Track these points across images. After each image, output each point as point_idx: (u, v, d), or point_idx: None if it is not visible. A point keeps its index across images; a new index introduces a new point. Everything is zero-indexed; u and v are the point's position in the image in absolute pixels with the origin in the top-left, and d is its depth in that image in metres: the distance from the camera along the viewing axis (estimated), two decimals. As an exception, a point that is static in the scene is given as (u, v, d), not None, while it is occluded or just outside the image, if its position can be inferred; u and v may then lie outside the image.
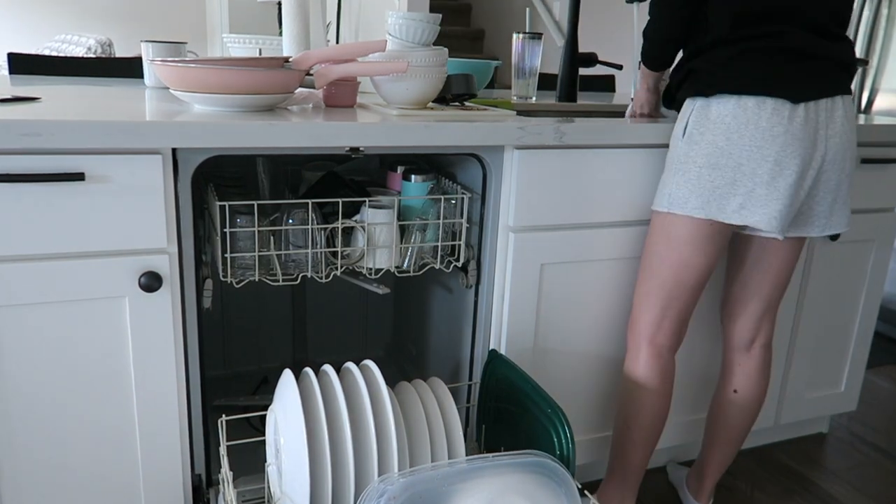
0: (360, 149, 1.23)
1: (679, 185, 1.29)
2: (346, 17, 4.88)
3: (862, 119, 1.92)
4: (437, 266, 1.43)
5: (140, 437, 1.23)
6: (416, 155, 1.44)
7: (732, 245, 1.46)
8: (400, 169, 1.45)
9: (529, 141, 1.32)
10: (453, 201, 1.41)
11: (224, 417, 1.27)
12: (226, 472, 1.19)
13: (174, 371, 1.22)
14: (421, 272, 1.43)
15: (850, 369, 1.92)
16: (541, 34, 1.91)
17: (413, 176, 1.42)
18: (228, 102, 1.22)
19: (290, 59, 1.35)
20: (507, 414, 1.30)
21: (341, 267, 1.34)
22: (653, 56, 1.39)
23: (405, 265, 1.40)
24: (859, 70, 2.22)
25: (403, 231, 1.39)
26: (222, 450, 1.23)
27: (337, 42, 4.76)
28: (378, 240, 1.36)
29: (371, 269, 1.39)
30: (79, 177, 1.07)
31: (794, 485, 1.83)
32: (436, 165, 1.55)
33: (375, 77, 1.34)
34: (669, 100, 1.42)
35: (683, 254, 1.33)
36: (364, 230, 1.35)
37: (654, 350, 1.40)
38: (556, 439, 1.14)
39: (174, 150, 1.14)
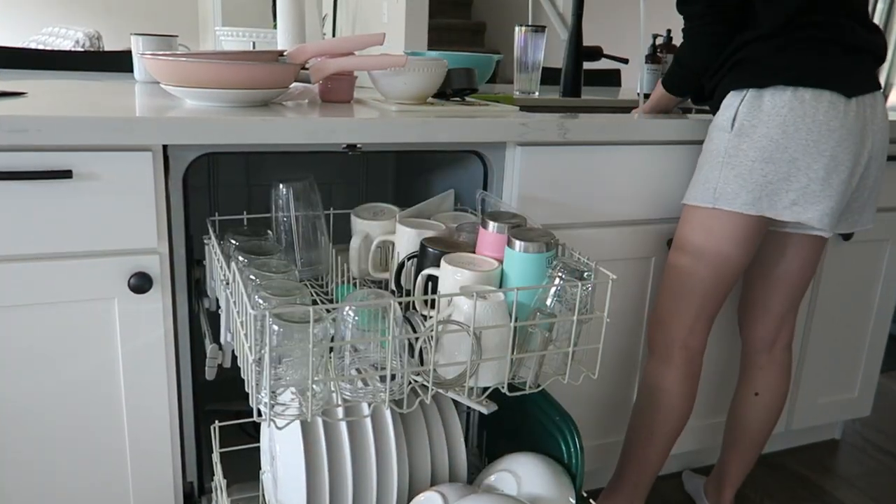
0: (358, 146, 1.22)
1: (727, 180, 1.27)
2: (343, 10, 4.88)
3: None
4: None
5: (130, 443, 1.23)
6: (417, 156, 1.44)
7: None
8: (501, 228, 1.05)
9: (532, 137, 1.32)
10: (588, 287, 0.98)
11: (217, 423, 1.27)
12: (219, 479, 1.18)
13: (165, 374, 1.22)
14: (539, 389, 1.05)
15: (864, 373, 1.91)
16: (544, 27, 1.91)
17: (519, 243, 1.00)
18: (221, 98, 1.22)
19: (285, 53, 1.35)
20: (510, 420, 1.30)
21: (431, 390, 0.96)
22: (679, 79, 1.40)
23: (530, 380, 1.02)
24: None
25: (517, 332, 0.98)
26: (215, 456, 1.22)
27: (333, 35, 4.76)
28: (483, 347, 0.96)
29: (473, 388, 1.00)
30: (66, 174, 1.07)
31: (805, 493, 1.83)
32: (433, 165, 1.55)
33: (373, 71, 1.34)
34: (701, 94, 1.39)
35: (724, 250, 1.31)
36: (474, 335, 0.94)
37: (687, 354, 1.39)
38: (563, 447, 1.14)
39: (165, 147, 1.13)
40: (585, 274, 0.99)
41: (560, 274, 0.99)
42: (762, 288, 1.46)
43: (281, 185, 1.29)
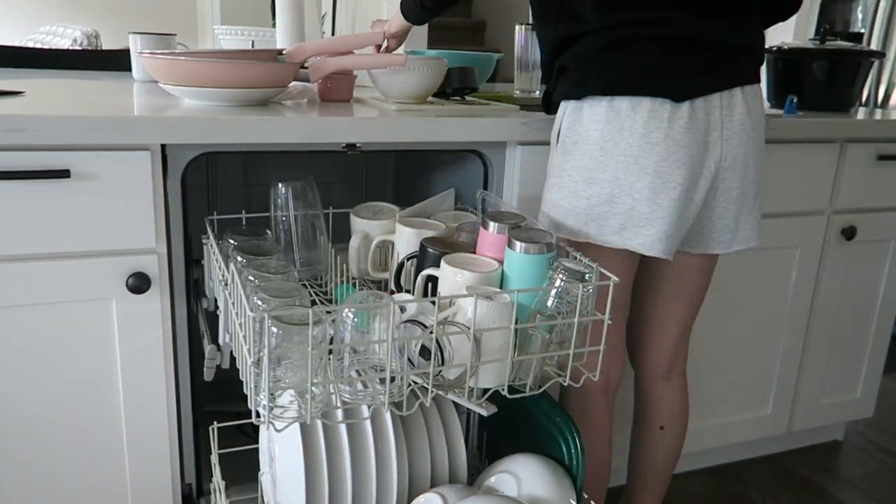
0: (357, 145, 1.22)
1: (555, 204, 1.17)
2: (343, 8, 4.88)
3: (879, 114, 1.91)
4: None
5: (128, 444, 1.23)
6: (416, 154, 1.43)
7: (637, 269, 1.28)
8: (502, 228, 1.05)
9: (533, 137, 1.32)
10: (589, 289, 0.98)
11: (216, 424, 1.26)
12: (217, 481, 1.18)
13: (163, 375, 1.22)
14: (540, 390, 1.05)
15: (867, 374, 1.91)
16: (545, 26, 1.91)
17: (520, 243, 1.00)
18: (220, 97, 1.22)
19: (284, 52, 1.34)
20: (511, 421, 1.30)
21: (431, 392, 0.95)
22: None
23: (531, 382, 1.01)
24: (875, 63, 2.22)
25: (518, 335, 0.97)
26: (214, 458, 1.22)
27: (333, 34, 4.76)
28: (484, 349, 0.95)
29: (473, 389, 0.99)
30: (64, 174, 1.07)
31: (807, 494, 1.83)
32: (433, 165, 1.55)
33: (373, 70, 1.34)
34: (548, 104, 1.28)
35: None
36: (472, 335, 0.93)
37: (581, 395, 1.29)
38: (564, 448, 1.14)
39: (163, 147, 1.13)
40: (587, 276, 0.98)
41: (561, 275, 0.98)
42: (651, 315, 1.33)
43: (279, 185, 1.29)
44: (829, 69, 1.74)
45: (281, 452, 1.10)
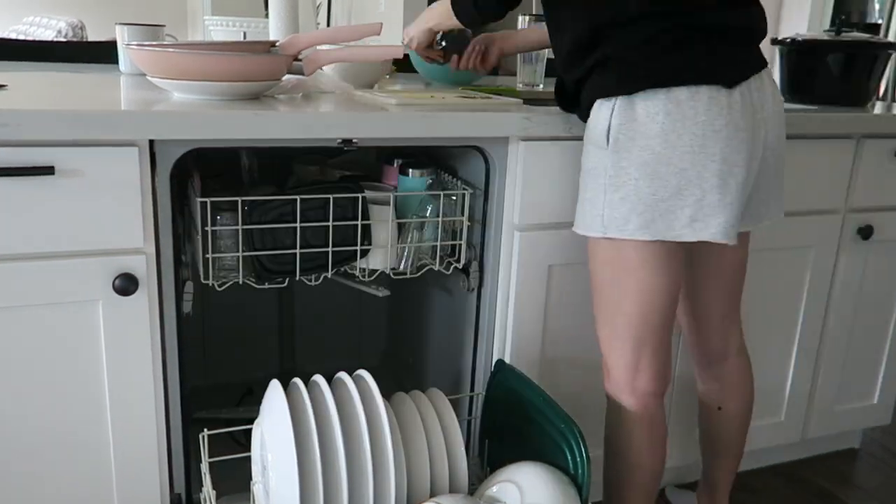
0: (354, 141, 1.23)
1: (614, 205, 1.17)
2: (338, -2, 4.88)
3: (896, 108, 1.92)
4: (437, 267, 1.43)
5: (115, 453, 1.23)
6: (415, 147, 1.44)
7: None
8: (396, 162, 1.45)
9: (536, 132, 1.32)
10: (454, 198, 1.41)
11: (206, 432, 1.26)
12: (208, 490, 1.19)
13: (152, 381, 1.22)
14: (419, 274, 1.43)
15: (884, 379, 1.92)
16: (549, 16, 1.91)
17: (410, 170, 1.42)
18: (210, 90, 1.22)
19: (278, 44, 1.35)
20: (513, 428, 1.30)
21: (332, 268, 1.34)
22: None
23: (402, 266, 1.40)
24: (893, 56, 2.22)
25: (400, 229, 1.39)
26: (204, 467, 1.22)
27: (328, 25, 4.75)
28: (373, 238, 1.36)
29: (365, 270, 1.38)
30: (48, 170, 1.07)
31: (822, 504, 1.83)
32: (436, 158, 1.55)
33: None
34: (567, 101, 1.29)
35: (643, 279, 1.21)
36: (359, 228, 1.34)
37: (637, 399, 1.28)
38: (569, 456, 1.14)
39: (151, 142, 1.13)
40: (455, 192, 1.41)
41: (437, 191, 1.39)
42: (696, 300, 1.39)
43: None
44: (845, 62, 1.74)
45: (274, 461, 1.10)
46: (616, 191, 1.17)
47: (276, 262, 1.31)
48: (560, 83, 1.30)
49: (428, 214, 1.39)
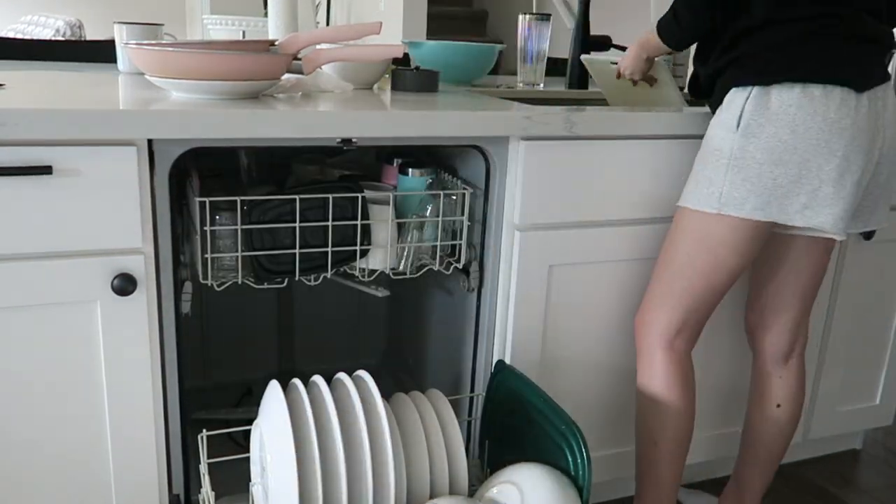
0: (353, 140, 1.23)
1: (734, 184, 1.26)
2: (338, -3, 4.88)
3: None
4: (436, 267, 1.43)
5: (113, 454, 1.23)
6: (415, 147, 1.44)
7: (763, 252, 1.44)
8: (396, 162, 1.45)
9: (537, 131, 1.32)
10: (454, 197, 1.41)
11: (205, 432, 1.27)
12: (207, 492, 1.18)
13: (150, 382, 1.22)
14: (419, 274, 1.43)
15: (886, 380, 1.91)
16: (549, 15, 1.91)
17: (410, 170, 1.42)
18: (209, 89, 1.22)
19: (277, 43, 1.35)
20: (514, 429, 1.30)
21: (331, 268, 1.34)
22: (685, 23, 1.31)
23: (401, 266, 1.40)
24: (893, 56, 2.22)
25: (400, 229, 1.39)
26: (203, 468, 1.22)
27: (327, 24, 4.76)
28: (373, 238, 1.36)
29: (364, 270, 1.38)
30: (46, 170, 1.07)
31: (824, 506, 1.83)
32: (436, 158, 1.55)
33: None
34: (699, 89, 1.39)
35: (720, 257, 1.31)
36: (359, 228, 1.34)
37: (672, 356, 1.39)
38: (569, 457, 1.14)
39: (150, 142, 1.13)
40: (455, 191, 1.42)
41: (436, 191, 1.39)
42: (774, 295, 1.46)
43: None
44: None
45: (273, 462, 1.10)
46: (739, 171, 1.25)
47: (276, 262, 1.31)
48: (695, 75, 1.39)
49: (428, 214, 1.39)
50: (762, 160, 1.23)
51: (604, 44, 1.92)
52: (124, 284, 1.14)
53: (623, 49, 1.96)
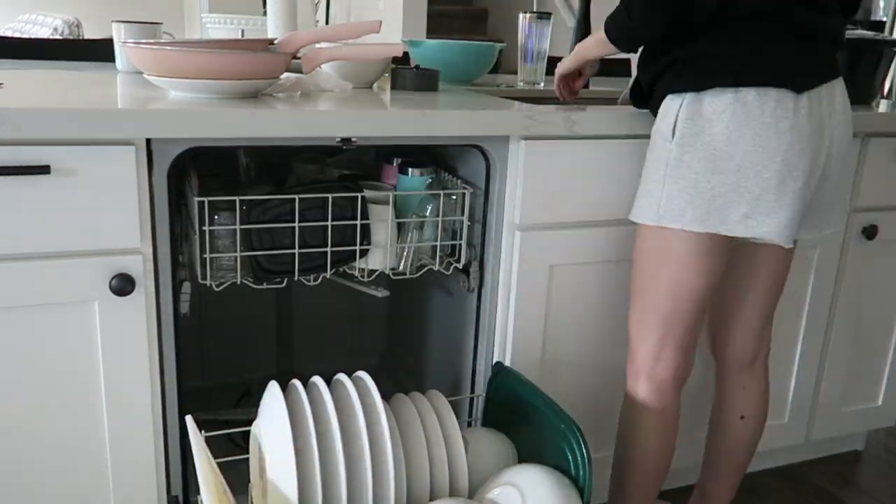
0: (353, 139, 1.23)
1: (671, 195, 1.22)
2: (337, -4, 4.88)
3: (901, 107, 1.91)
4: (436, 267, 1.43)
5: (111, 455, 1.22)
6: (415, 146, 1.44)
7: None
8: (396, 161, 1.45)
9: (537, 131, 1.32)
10: (454, 197, 1.41)
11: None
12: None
13: (148, 382, 1.22)
14: (418, 274, 1.43)
15: (888, 381, 1.91)
16: (550, 14, 1.91)
17: (410, 169, 1.42)
18: (208, 89, 1.22)
19: (276, 42, 1.35)
20: (514, 430, 1.30)
21: (331, 268, 1.34)
22: (638, 17, 1.19)
23: (401, 266, 1.40)
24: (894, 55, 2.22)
25: (400, 229, 1.39)
26: (201, 469, 1.22)
27: (327, 23, 4.76)
28: (372, 238, 1.36)
29: (364, 270, 1.38)
30: (44, 170, 1.07)
31: (826, 507, 1.83)
32: (436, 157, 1.55)
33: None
34: (639, 97, 1.34)
35: (681, 272, 1.26)
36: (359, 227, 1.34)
37: (654, 386, 1.34)
38: (570, 458, 1.14)
39: (148, 141, 1.13)
40: (455, 191, 1.42)
41: (436, 190, 1.39)
42: (736, 302, 1.42)
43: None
44: (850, 59, 1.74)
45: (272, 463, 1.10)
46: (675, 182, 1.21)
47: (275, 263, 1.31)
48: (636, 81, 1.35)
49: (428, 214, 1.39)
50: (698, 169, 1.19)
51: (605, 43, 1.91)
52: (123, 284, 1.14)
53: (623, 48, 1.96)
